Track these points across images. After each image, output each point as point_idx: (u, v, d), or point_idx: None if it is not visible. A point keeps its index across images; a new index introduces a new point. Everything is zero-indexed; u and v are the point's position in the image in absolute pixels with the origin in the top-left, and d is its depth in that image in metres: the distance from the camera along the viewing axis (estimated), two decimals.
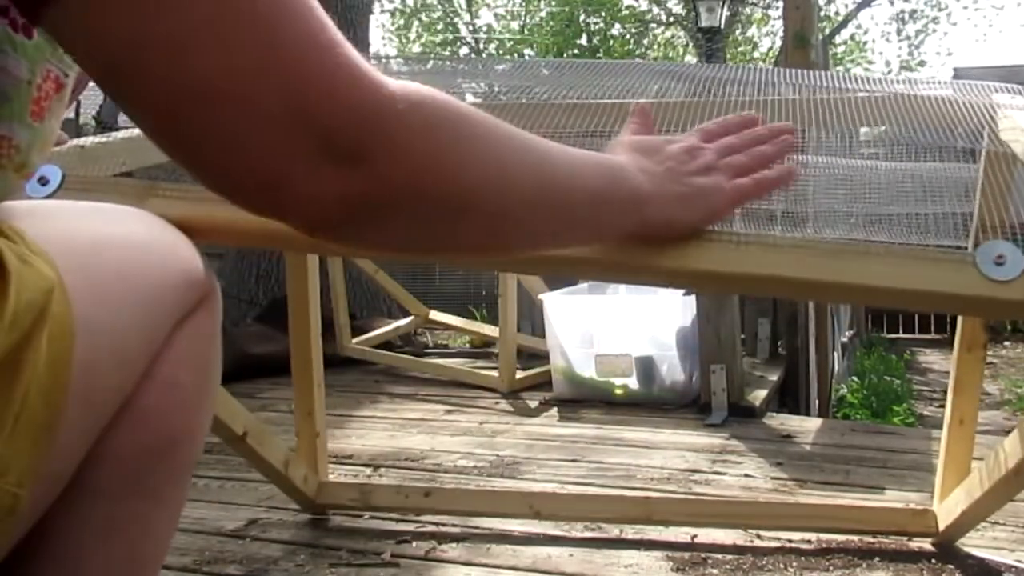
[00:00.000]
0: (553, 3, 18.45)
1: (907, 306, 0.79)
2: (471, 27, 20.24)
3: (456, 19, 20.03)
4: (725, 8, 11.96)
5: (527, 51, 19.02)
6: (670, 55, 19.24)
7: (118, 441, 0.69)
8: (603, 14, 18.41)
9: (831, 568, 1.61)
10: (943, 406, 1.66)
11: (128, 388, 0.69)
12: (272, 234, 0.98)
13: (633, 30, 19.09)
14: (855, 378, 5.43)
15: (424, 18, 19.80)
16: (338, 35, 0.48)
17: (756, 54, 19.03)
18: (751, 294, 2.91)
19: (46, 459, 0.60)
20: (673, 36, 19.45)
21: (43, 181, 0.92)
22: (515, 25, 19.83)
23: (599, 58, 17.53)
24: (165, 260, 0.74)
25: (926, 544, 1.69)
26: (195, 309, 0.76)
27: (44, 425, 0.58)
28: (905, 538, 1.71)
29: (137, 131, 1.21)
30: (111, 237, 0.70)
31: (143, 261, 0.71)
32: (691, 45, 17.73)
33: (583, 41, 18.53)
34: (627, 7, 18.60)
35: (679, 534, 1.77)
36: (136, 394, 0.70)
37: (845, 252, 0.76)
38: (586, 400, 3.21)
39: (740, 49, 18.66)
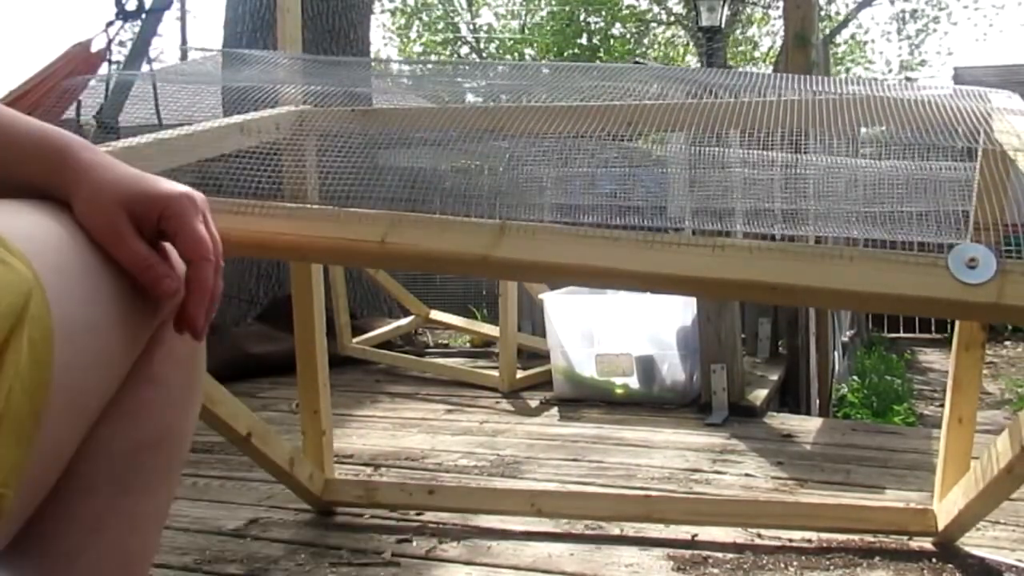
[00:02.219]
0: (554, 2, 18.45)
1: (882, 310, 0.80)
2: (471, 27, 20.25)
3: (456, 18, 20.04)
4: (726, 8, 11.95)
5: (527, 51, 19.03)
6: (670, 54, 19.25)
7: (107, 438, 0.69)
8: (603, 13, 18.41)
9: (832, 567, 1.61)
10: (944, 405, 1.66)
11: (113, 386, 0.69)
12: (263, 245, 0.99)
13: (634, 29, 19.09)
14: (856, 378, 5.43)
15: (424, 18, 19.81)
16: None
17: (756, 54, 19.04)
18: (727, 299, 2.92)
19: (31, 459, 0.60)
20: (674, 36, 19.46)
21: None
22: (515, 24, 19.83)
23: (600, 57, 17.54)
24: None
25: (927, 543, 1.69)
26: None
27: (28, 425, 0.59)
28: (906, 537, 1.71)
29: (134, 139, 1.22)
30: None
31: None
32: (691, 44, 17.73)
33: (583, 40, 18.53)
34: (628, 6, 18.60)
35: (680, 533, 1.77)
36: (123, 392, 0.70)
37: (820, 257, 0.77)
38: (587, 400, 3.21)
39: (740, 49, 18.66)
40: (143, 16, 3.69)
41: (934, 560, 1.62)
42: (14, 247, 0.60)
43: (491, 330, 4.21)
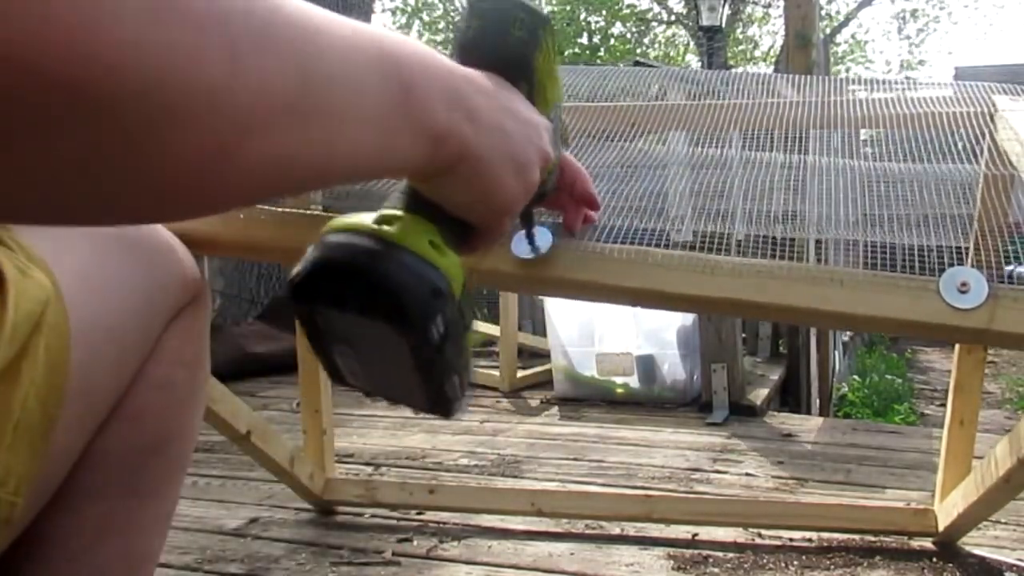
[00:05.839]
0: (554, 1, 18.44)
1: (873, 331, 0.80)
2: None
3: (457, 18, 20.03)
4: (726, 7, 11.96)
5: None
6: (671, 54, 19.24)
7: (112, 440, 0.69)
8: (604, 13, 18.41)
9: (832, 567, 1.61)
10: (944, 405, 1.66)
11: (123, 388, 0.69)
12: (259, 249, 0.99)
13: (634, 29, 19.09)
14: (856, 377, 5.44)
15: (425, 17, 19.80)
16: None
17: (757, 53, 19.03)
18: (724, 315, 2.93)
19: (42, 465, 0.60)
20: (674, 35, 19.45)
21: None
22: None
23: (600, 57, 17.53)
24: (159, 261, 0.74)
25: (927, 543, 1.69)
26: (186, 308, 0.76)
27: (41, 432, 0.59)
28: (906, 537, 1.71)
29: None
30: (106, 239, 0.71)
31: (137, 262, 0.71)
32: (692, 44, 17.73)
33: (584, 40, 18.53)
34: (628, 6, 18.59)
35: (680, 532, 1.77)
36: (129, 393, 0.70)
37: (811, 280, 0.77)
38: (587, 399, 3.22)
39: (741, 48, 18.65)
40: None
41: (934, 560, 1.62)
42: (35, 255, 0.61)
43: (491, 329, 4.20)
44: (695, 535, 1.76)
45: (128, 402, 0.70)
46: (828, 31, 15.67)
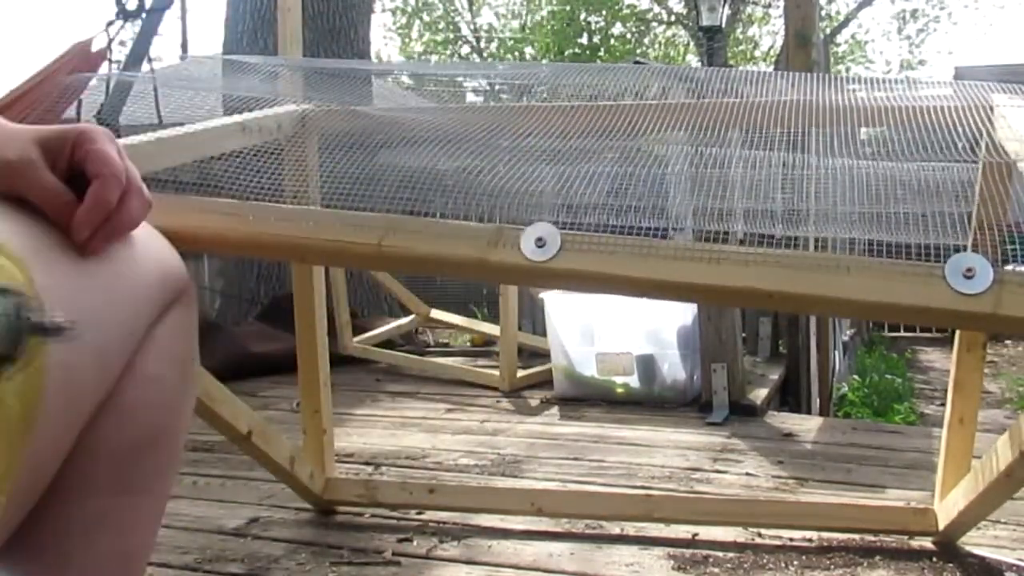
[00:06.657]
0: (554, 2, 18.45)
1: (879, 318, 0.80)
2: (472, 26, 20.26)
3: (457, 18, 20.05)
4: (726, 7, 11.94)
5: (528, 50, 19.03)
6: (671, 54, 19.25)
7: (102, 437, 0.69)
8: (604, 13, 18.42)
9: (832, 567, 1.61)
10: (944, 404, 1.66)
11: (108, 385, 0.69)
12: (261, 246, 1.00)
13: (634, 29, 19.10)
14: (856, 376, 5.44)
15: (425, 17, 19.81)
16: None
17: (757, 53, 19.04)
18: (724, 305, 2.92)
19: (25, 462, 0.60)
20: (674, 35, 19.46)
21: None
22: (516, 24, 19.84)
23: (600, 57, 17.54)
24: (141, 257, 0.74)
25: (927, 543, 1.69)
26: (172, 304, 0.76)
27: (21, 428, 0.58)
28: (906, 537, 1.71)
29: (135, 138, 1.22)
30: None
31: (119, 258, 0.71)
32: (692, 44, 17.74)
33: (584, 40, 18.54)
34: (628, 6, 18.60)
35: (680, 532, 1.77)
36: (118, 390, 0.70)
37: (817, 267, 0.77)
38: (587, 399, 3.21)
39: (741, 48, 18.66)
40: (144, 15, 3.69)
41: (935, 559, 1.62)
42: (10, 251, 0.60)
43: (491, 329, 4.21)
44: (695, 535, 1.76)
45: (116, 398, 0.70)
46: (828, 31, 15.68)
